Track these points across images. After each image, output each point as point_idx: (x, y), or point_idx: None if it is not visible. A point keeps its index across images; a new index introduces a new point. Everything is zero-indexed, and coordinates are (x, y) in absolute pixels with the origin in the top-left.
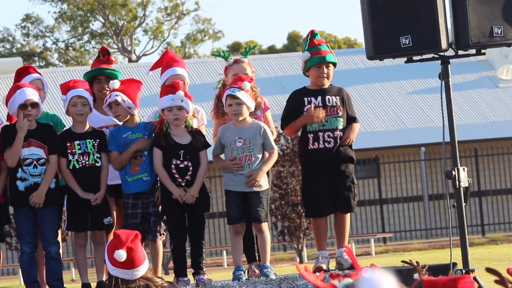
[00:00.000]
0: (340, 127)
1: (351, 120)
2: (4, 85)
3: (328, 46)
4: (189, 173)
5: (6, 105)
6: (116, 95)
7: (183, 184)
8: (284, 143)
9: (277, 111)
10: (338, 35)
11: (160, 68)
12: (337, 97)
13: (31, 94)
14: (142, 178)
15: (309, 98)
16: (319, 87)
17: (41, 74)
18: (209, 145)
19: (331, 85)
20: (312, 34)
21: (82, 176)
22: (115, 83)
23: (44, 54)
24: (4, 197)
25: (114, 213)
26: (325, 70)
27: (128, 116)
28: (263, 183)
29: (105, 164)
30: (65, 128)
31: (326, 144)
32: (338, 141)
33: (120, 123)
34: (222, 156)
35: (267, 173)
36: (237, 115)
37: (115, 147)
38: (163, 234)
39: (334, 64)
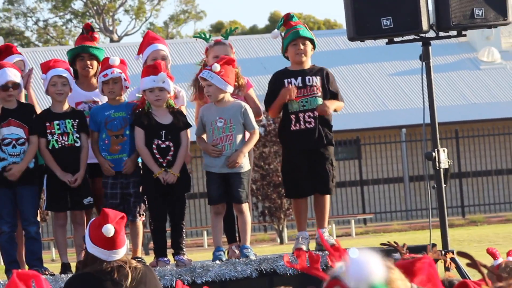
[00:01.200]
0: (320, 104)
1: (333, 96)
2: None
3: (306, 27)
4: (171, 153)
5: None
6: (120, 72)
7: (164, 164)
8: (266, 122)
9: (259, 92)
10: (318, 16)
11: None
12: (317, 77)
13: (13, 75)
14: (122, 158)
15: (289, 79)
16: (299, 66)
17: (22, 55)
18: (190, 125)
19: (313, 65)
20: (288, 16)
21: (61, 156)
22: (116, 60)
23: (24, 33)
24: None
25: None
26: (301, 46)
27: (117, 96)
28: (244, 164)
29: (85, 144)
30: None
31: (307, 125)
32: (318, 120)
33: (100, 101)
34: (204, 136)
35: (249, 153)
36: (210, 97)
37: (93, 126)
38: (143, 214)
39: (312, 42)
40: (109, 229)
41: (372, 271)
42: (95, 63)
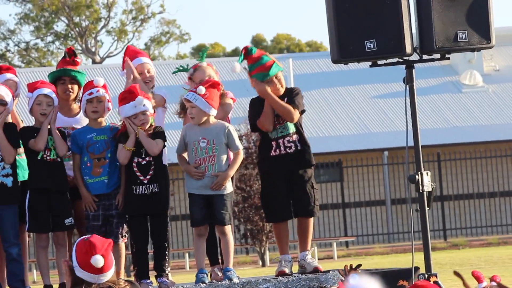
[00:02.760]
0: (294, 129)
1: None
2: None
3: (269, 56)
4: (152, 167)
5: None
6: (105, 92)
7: (145, 181)
8: (247, 145)
9: (241, 114)
10: (302, 38)
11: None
12: (285, 99)
13: (4, 93)
14: (103, 181)
15: None
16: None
17: (16, 75)
18: (165, 140)
19: (286, 88)
20: (247, 50)
21: (43, 170)
22: (100, 81)
23: (5, 56)
24: None
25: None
26: (276, 82)
27: (100, 117)
28: (227, 186)
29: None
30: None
31: (287, 150)
32: (298, 145)
33: (80, 126)
34: (185, 155)
35: (231, 178)
36: (193, 119)
37: (75, 149)
38: (125, 236)
39: (280, 69)
40: (98, 260)
41: None
42: (76, 87)
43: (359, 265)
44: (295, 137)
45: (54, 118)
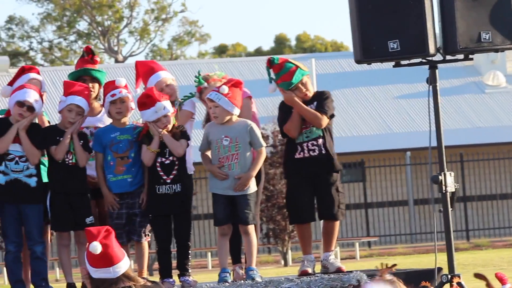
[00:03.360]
0: (321, 133)
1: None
2: None
3: (292, 63)
4: (176, 167)
5: (9, 95)
6: (127, 92)
7: (168, 181)
8: (273, 143)
9: (263, 113)
10: (325, 37)
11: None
12: (314, 104)
13: (33, 99)
14: (126, 179)
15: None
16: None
17: (39, 75)
18: (189, 137)
19: (316, 91)
20: (270, 62)
21: (63, 174)
22: (122, 81)
23: (28, 54)
24: None
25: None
26: (303, 88)
27: (124, 117)
28: (251, 185)
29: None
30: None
31: (311, 153)
32: (322, 149)
33: (102, 124)
34: (209, 153)
35: (260, 174)
36: (216, 118)
37: (100, 148)
38: (148, 235)
39: (306, 74)
40: (95, 247)
41: None
42: (96, 86)
43: (394, 265)
44: (320, 141)
45: (77, 129)
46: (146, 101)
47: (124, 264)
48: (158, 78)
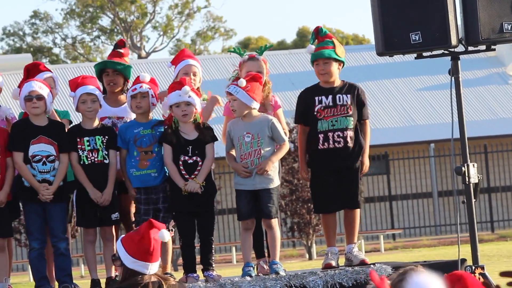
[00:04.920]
0: (351, 126)
1: (361, 116)
2: (14, 81)
3: (333, 42)
4: (198, 167)
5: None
6: (148, 88)
7: (190, 180)
8: (296, 137)
9: (286, 108)
10: (346, 31)
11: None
12: (348, 95)
13: (37, 87)
14: (150, 174)
15: (319, 98)
16: (329, 83)
17: (51, 71)
18: (216, 139)
19: (343, 82)
20: (318, 30)
21: (91, 173)
22: (146, 77)
23: (52, 50)
24: (12, 193)
25: None
26: (323, 66)
27: (145, 112)
28: (274, 179)
29: (113, 161)
30: (73, 124)
31: (336, 144)
32: (348, 141)
33: (125, 117)
34: (233, 152)
35: (278, 169)
36: (234, 111)
37: (122, 144)
38: (172, 230)
39: (338, 60)
40: (164, 234)
41: None
42: (120, 79)
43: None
44: (347, 133)
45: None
46: (175, 86)
47: (157, 266)
48: (187, 62)
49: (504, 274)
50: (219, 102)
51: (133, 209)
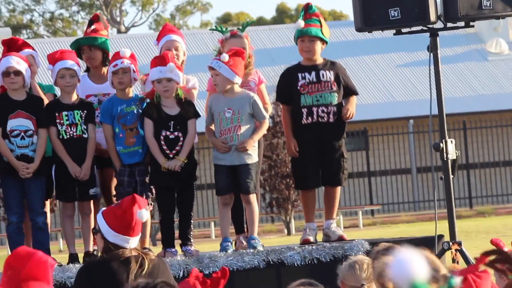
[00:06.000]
0: (335, 102)
1: (350, 92)
2: None
3: (320, 21)
4: (179, 143)
5: None
6: (130, 63)
7: (171, 155)
8: (275, 113)
9: (267, 83)
10: (324, 7)
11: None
12: (331, 72)
13: (15, 62)
14: (138, 150)
15: (303, 74)
16: (311, 61)
17: (33, 48)
18: (199, 115)
19: (324, 59)
20: (307, 7)
21: (70, 147)
22: (127, 52)
23: (31, 26)
24: None
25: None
26: (308, 44)
27: (127, 88)
28: (253, 155)
29: (92, 135)
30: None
31: (319, 119)
32: (331, 116)
33: (111, 93)
34: (213, 126)
35: (258, 144)
36: (217, 86)
37: (109, 120)
38: (151, 204)
39: (322, 40)
40: (143, 213)
41: (416, 270)
42: (98, 53)
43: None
44: (331, 108)
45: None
46: (157, 61)
47: (137, 240)
48: (170, 38)
49: (486, 253)
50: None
51: (114, 183)
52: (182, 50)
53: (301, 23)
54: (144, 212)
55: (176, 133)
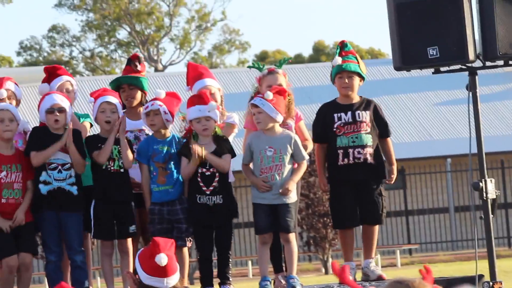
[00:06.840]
0: (370, 143)
1: (383, 134)
2: (30, 93)
3: (356, 57)
4: (216, 179)
5: (38, 111)
6: (160, 105)
7: (207, 192)
8: (312, 152)
9: (304, 121)
10: (362, 45)
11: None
12: (367, 112)
13: (59, 100)
14: (168, 190)
15: (339, 114)
16: (347, 99)
17: (71, 75)
18: (233, 152)
19: (361, 97)
20: (343, 44)
21: (107, 181)
22: (162, 93)
23: (70, 63)
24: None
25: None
26: (346, 80)
27: (160, 129)
28: (292, 195)
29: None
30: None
31: (356, 160)
32: (368, 157)
33: (146, 129)
34: (251, 165)
35: (297, 184)
36: (259, 124)
37: (145, 160)
38: (191, 240)
39: (360, 75)
40: (162, 258)
41: None
42: (137, 92)
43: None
44: (367, 150)
45: (123, 128)
46: (194, 100)
47: (176, 277)
48: (203, 84)
49: None
50: (233, 129)
51: None
52: (220, 91)
53: (338, 59)
54: (163, 256)
55: (212, 170)
